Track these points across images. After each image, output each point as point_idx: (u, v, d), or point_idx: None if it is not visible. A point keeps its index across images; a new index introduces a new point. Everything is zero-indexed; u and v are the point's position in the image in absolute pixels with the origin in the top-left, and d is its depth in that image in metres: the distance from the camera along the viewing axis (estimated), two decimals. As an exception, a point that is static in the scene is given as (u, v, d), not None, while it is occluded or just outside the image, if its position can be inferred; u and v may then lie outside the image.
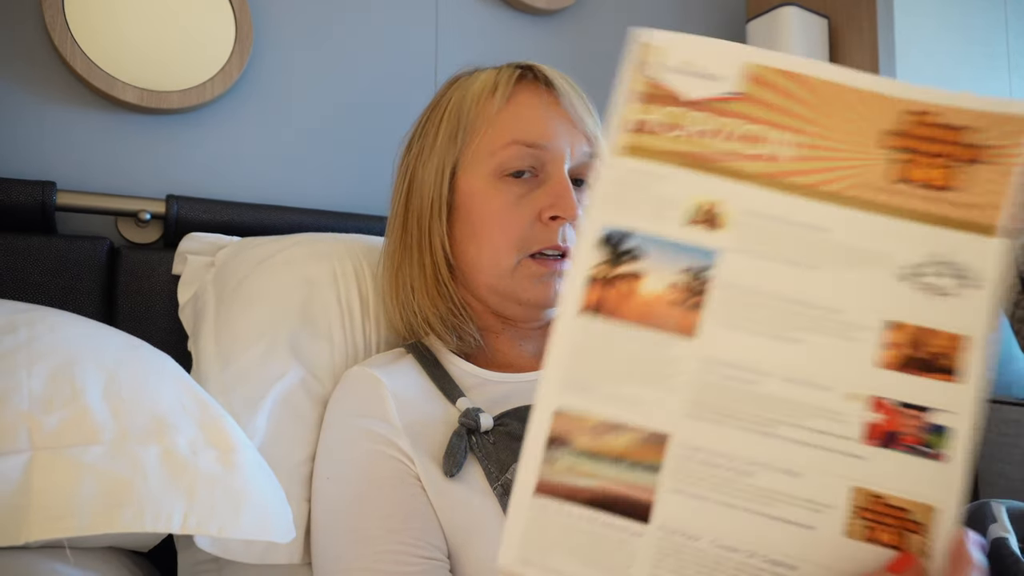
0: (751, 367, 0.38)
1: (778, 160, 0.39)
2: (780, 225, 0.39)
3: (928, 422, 0.37)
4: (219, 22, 1.07)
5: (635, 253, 0.40)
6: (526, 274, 0.72)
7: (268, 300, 0.80)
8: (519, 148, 0.72)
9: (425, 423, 0.67)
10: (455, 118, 0.75)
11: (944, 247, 0.37)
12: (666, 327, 0.39)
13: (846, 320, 0.38)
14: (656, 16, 1.59)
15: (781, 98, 0.40)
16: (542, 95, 0.75)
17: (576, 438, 0.38)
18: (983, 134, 0.38)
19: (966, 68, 1.79)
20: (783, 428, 0.37)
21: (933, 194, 0.38)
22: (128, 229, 1.01)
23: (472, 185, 0.74)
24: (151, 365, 0.60)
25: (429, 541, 0.62)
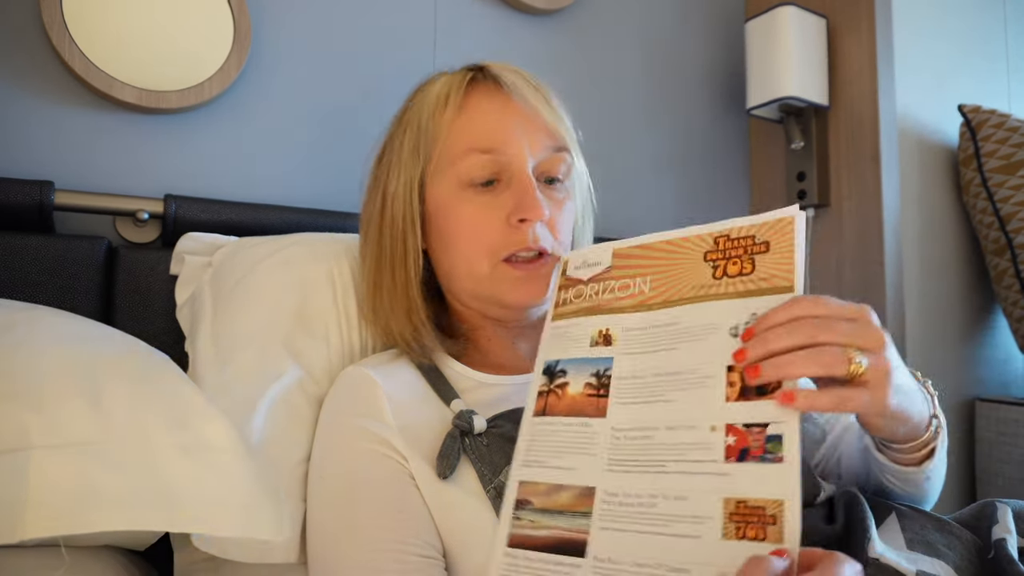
0: (642, 426, 0.52)
1: (643, 293, 0.59)
2: (647, 330, 0.57)
3: (767, 434, 0.47)
4: (217, 22, 1.07)
5: (563, 372, 0.59)
6: (503, 278, 0.71)
7: (265, 301, 0.80)
8: (477, 156, 0.71)
9: (419, 424, 0.67)
10: (416, 131, 0.74)
11: (759, 307, 0.52)
12: (586, 413, 0.56)
13: (700, 374, 0.52)
14: (654, 17, 1.59)
15: (636, 260, 0.61)
16: (495, 96, 0.73)
17: (534, 499, 0.54)
18: (763, 234, 0.55)
19: (964, 68, 1.79)
20: (671, 464, 0.49)
21: (744, 279, 0.54)
22: (126, 229, 1.01)
23: (440, 197, 0.73)
24: (147, 364, 0.60)
25: (425, 539, 0.62)
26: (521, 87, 0.73)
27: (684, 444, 0.50)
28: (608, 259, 0.64)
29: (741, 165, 1.73)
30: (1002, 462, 1.47)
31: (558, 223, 0.73)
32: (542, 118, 0.73)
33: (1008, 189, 1.54)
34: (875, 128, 1.49)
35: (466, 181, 0.71)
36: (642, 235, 0.63)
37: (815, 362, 0.48)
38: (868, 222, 1.49)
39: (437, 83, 0.76)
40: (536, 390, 0.60)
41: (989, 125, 1.58)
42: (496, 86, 0.73)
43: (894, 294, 1.47)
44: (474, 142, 0.71)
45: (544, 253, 0.71)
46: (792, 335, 0.48)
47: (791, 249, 0.53)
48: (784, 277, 0.52)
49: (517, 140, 0.71)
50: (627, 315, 0.59)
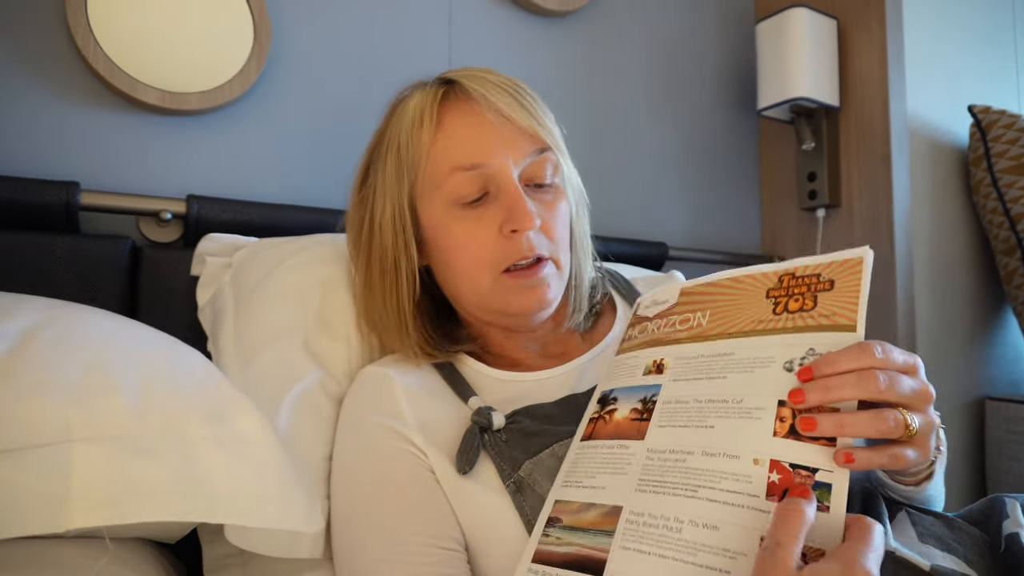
0: (679, 449, 0.51)
1: (700, 326, 0.60)
2: (699, 359, 0.56)
3: (816, 480, 0.45)
4: (238, 24, 1.09)
5: (615, 399, 0.60)
6: (505, 289, 0.71)
7: (286, 301, 0.82)
8: (461, 175, 0.70)
9: (438, 421, 0.68)
10: (396, 155, 0.74)
11: (818, 343, 0.50)
12: (627, 436, 0.56)
13: (748, 405, 0.50)
14: (667, 18, 1.60)
15: (700, 297, 0.62)
16: (469, 110, 0.72)
17: (564, 517, 0.55)
18: (829, 273, 0.54)
19: (974, 68, 1.80)
20: (704, 491, 0.48)
21: (805, 314, 0.53)
22: (149, 228, 1.03)
23: (432, 218, 0.73)
24: (181, 358, 0.62)
25: (447, 532, 0.63)
26: (493, 96, 0.71)
27: (720, 472, 0.48)
28: (675, 297, 0.65)
29: (752, 166, 1.73)
30: (1012, 460, 1.48)
31: (552, 225, 0.73)
32: (519, 124, 0.71)
33: (1018, 189, 1.55)
34: (885, 129, 1.50)
35: (454, 200, 0.71)
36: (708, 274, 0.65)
37: (877, 428, 0.47)
38: (878, 222, 1.50)
39: (411, 101, 0.74)
40: (588, 417, 0.62)
41: (999, 126, 1.59)
42: (469, 99, 0.72)
43: (904, 294, 1.48)
44: (456, 161, 0.71)
45: (542, 258, 0.72)
46: (858, 388, 0.47)
47: (857, 289, 0.51)
48: (847, 316, 0.51)
49: (498, 151, 0.70)
50: (682, 346, 0.59)
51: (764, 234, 1.73)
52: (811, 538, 0.44)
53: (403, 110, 0.75)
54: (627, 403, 0.59)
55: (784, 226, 1.69)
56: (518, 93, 0.73)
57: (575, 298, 0.79)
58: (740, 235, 1.69)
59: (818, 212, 1.59)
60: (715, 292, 0.61)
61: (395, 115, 0.76)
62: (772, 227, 1.72)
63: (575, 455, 0.60)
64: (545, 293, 0.72)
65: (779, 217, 1.70)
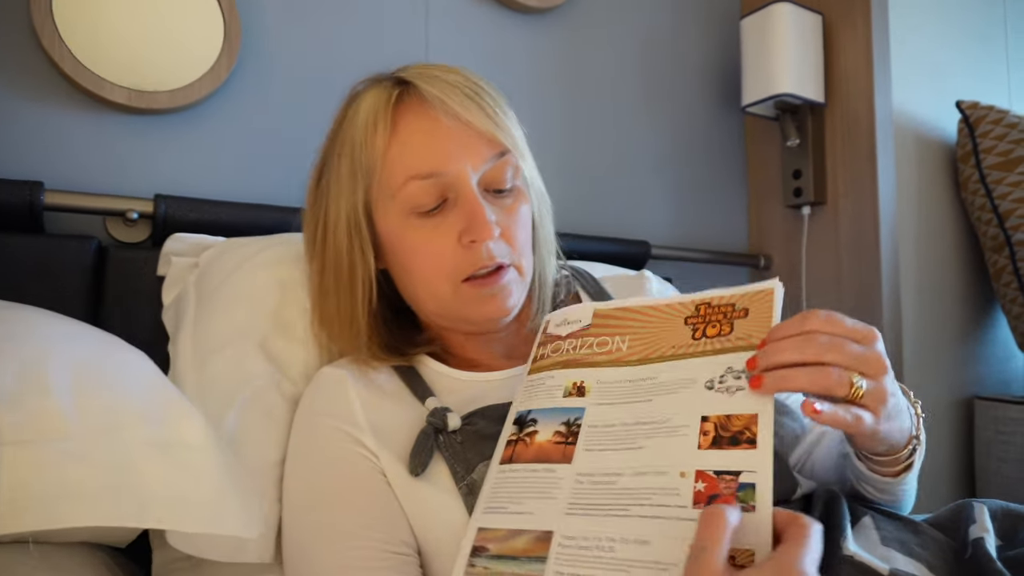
0: (608, 471, 0.52)
1: (619, 351, 0.61)
2: (622, 383, 0.58)
3: (739, 482, 0.47)
4: (207, 22, 1.08)
5: (534, 420, 0.60)
6: (465, 298, 0.70)
7: (245, 302, 0.81)
8: (418, 183, 0.67)
9: (393, 423, 0.67)
10: (350, 157, 0.71)
11: (735, 362, 0.53)
12: (552, 460, 0.56)
13: (673, 424, 0.52)
14: (649, 14, 1.59)
15: (614, 321, 0.64)
16: (424, 114, 0.69)
17: (491, 545, 0.54)
18: (743, 304, 0.57)
19: (962, 63, 1.78)
20: (634, 508, 0.49)
21: (722, 338, 0.56)
22: (117, 228, 1.02)
23: (388, 225, 0.71)
24: (123, 362, 0.61)
25: (398, 536, 0.62)
26: (449, 99, 0.68)
27: (650, 489, 0.50)
28: (588, 318, 0.65)
29: (737, 163, 1.72)
30: (1000, 460, 1.46)
31: (513, 231, 0.71)
32: (477, 128, 0.68)
33: (1007, 186, 1.53)
34: (871, 125, 1.48)
35: (411, 209, 0.69)
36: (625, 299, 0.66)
37: (818, 382, 0.49)
38: (864, 220, 1.49)
39: (364, 102, 0.71)
40: (505, 439, 0.61)
41: (987, 121, 1.57)
42: (424, 102, 0.69)
43: (891, 292, 1.47)
44: (412, 169, 0.68)
45: (503, 266, 0.69)
46: (801, 350, 0.50)
47: (770, 315, 0.55)
48: (760, 336, 0.54)
49: (456, 158, 0.68)
50: (602, 369, 0.60)
51: (751, 232, 1.72)
52: (739, 540, 0.44)
53: (356, 110, 0.72)
54: (549, 426, 0.58)
55: (770, 224, 1.68)
56: (476, 95, 0.70)
57: (538, 299, 0.78)
58: (726, 234, 1.68)
59: (803, 210, 1.58)
60: (632, 318, 0.63)
61: (348, 114, 0.73)
62: (758, 225, 1.70)
63: (495, 479, 0.58)
64: (506, 301, 0.70)
65: (765, 215, 1.69)
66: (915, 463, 0.64)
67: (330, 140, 0.76)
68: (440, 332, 0.78)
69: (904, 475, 0.64)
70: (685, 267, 1.56)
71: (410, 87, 0.71)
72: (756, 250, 1.70)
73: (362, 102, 0.72)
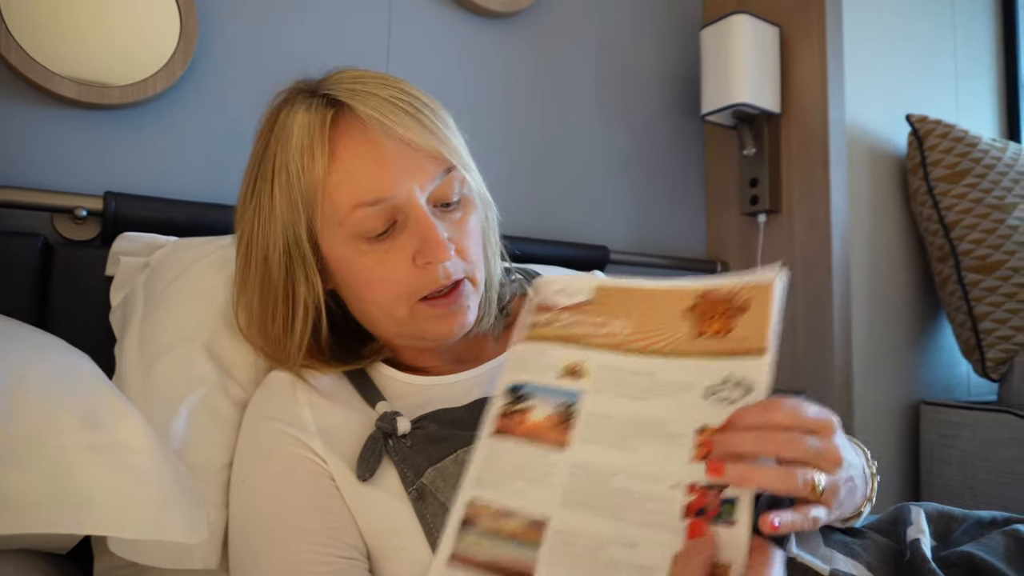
0: (604, 469, 0.52)
1: (618, 336, 0.59)
2: (621, 374, 0.57)
3: (723, 496, 0.48)
4: (163, 16, 1.06)
5: (527, 397, 0.59)
6: (423, 317, 0.68)
7: (194, 303, 0.79)
8: (364, 210, 0.64)
9: (342, 427, 0.67)
10: (287, 184, 0.66)
11: (733, 370, 0.53)
12: (546, 442, 0.55)
13: (669, 431, 0.52)
14: (612, 21, 1.60)
15: (616, 301, 0.61)
16: (363, 136, 0.66)
17: (481, 521, 0.54)
18: (743, 296, 0.56)
19: (913, 78, 1.84)
20: (626, 512, 0.50)
21: (720, 338, 0.55)
22: (64, 226, 0.99)
23: (335, 250, 0.68)
24: (62, 364, 0.59)
25: (346, 540, 0.62)
26: (389, 119, 0.65)
27: (643, 495, 0.50)
28: (588, 293, 0.63)
29: (696, 170, 1.75)
30: (943, 463, 1.51)
31: (465, 244, 0.69)
32: (421, 146, 0.66)
33: (952, 197, 1.58)
34: (825, 136, 1.52)
35: (359, 236, 0.66)
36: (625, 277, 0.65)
37: (781, 482, 0.48)
38: (817, 228, 1.52)
39: (294, 120, 0.67)
40: (497, 410, 0.59)
41: (935, 135, 1.62)
42: (362, 124, 0.65)
43: (841, 299, 1.50)
44: (357, 197, 0.64)
45: (459, 281, 0.68)
46: (760, 445, 0.49)
47: (767, 312, 0.54)
48: (758, 339, 0.53)
49: (402, 180, 0.65)
50: (602, 353, 0.59)
51: (708, 238, 1.75)
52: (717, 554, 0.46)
53: (286, 131, 0.67)
54: (544, 406, 0.57)
55: (727, 231, 1.71)
56: (416, 109, 0.67)
57: (485, 302, 0.78)
58: (684, 239, 1.70)
59: (759, 217, 1.61)
60: (632, 299, 0.61)
61: (277, 131, 0.68)
62: (716, 231, 1.73)
63: (487, 451, 0.57)
64: (465, 316, 0.69)
65: (723, 222, 1.72)
66: (865, 512, 0.66)
67: (257, 156, 0.70)
68: (392, 343, 0.77)
69: (853, 521, 0.67)
70: (643, 272, 1.58)
71: (344, 108, 0.67)
72: (713, 256, 1.73)
73: (292, 123, 0.67)
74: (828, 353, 1.49)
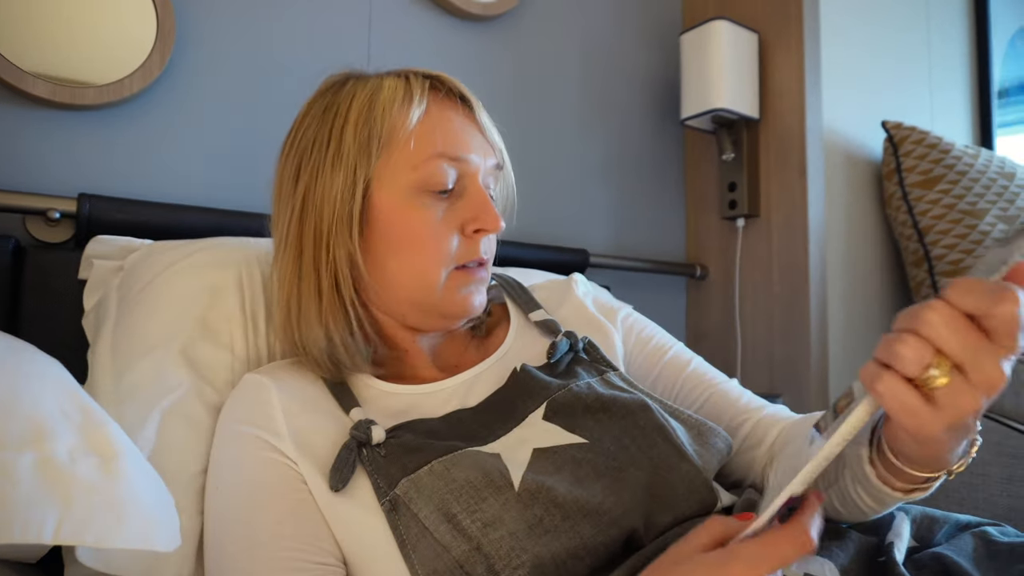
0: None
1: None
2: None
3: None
4: (139, 16, 1.05)
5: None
6: (454, 286, 0.71)
7: (168, 308, 0.78)
8: (442, 161, 0.70)
9: (315, 433, 0.66)
10: (365, 127, 0.69)
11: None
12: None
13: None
14: (593, 26, 1.61)
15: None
16: (457, 108, 0.74)
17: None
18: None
19: (889, 85, 1.86)
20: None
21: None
22: (37, 228, 0.98)
23: (391, 200, 0.70)
24: (32, 370, 0.58)
25: (321, 546, 0.61)
26: (476, 104, 0.75)
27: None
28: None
29: (676, 174, 1.76)
30: (916, 465, 1.53)
31: (494, 236, 0.77)
32: (494, 136, 0.76)
33: (926, 203, 1.61)
34: (802, 141, 1.53)
35: (425, 187, 0.70)
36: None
37: (885, 350, 0.42)
38: (795, 232, 1.54)
39: (386, 80, 0.72)
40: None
41: (910, 141, 1.64)
42: (455, 99, 0.74)
43: (818, 302, 1.52)
44: (442, 148, 0.70)
45: (484, 262, 0.74)
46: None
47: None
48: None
49: (479, 152, 0.73)
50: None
51: (688, 242, 1.76)
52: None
53: (372, 88, 0.71)
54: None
55: (707, 234, 1.72)
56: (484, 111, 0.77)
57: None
58: (664, 243, 1.71)
59: (738, 221, 1.62)
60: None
61: (354, 92, 0.72)
62: (695, 235, 1.74)
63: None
64: (481, 296, 0.74)
65: (702, 226, 1.73)
66: (932, 488, 0.57)
67: (322, 114, 0.73)
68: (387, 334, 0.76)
69: (915, 494, 0.58)
70: (623, 275, 1.59)
71: (442, 82, 0.75)
72: (693, 259, 1.74)
73: (383, 82, 0.72)
74: (805, 356, 1.50)
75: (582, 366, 0.75)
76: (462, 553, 0.55)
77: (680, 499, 0.62)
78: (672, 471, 0.63)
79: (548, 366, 0.74)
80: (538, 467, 0.61)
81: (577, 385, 0.70)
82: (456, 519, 0.57)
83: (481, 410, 0.70)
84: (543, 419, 0.67)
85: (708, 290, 1.71)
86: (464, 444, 0.64)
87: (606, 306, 0.87)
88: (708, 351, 1.69)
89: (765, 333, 1.58)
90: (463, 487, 0.59)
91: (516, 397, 0.71)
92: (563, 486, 0.59)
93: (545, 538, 0.56)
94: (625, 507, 0.59)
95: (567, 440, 0.65)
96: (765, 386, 1.56)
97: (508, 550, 0.55)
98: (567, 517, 0.57)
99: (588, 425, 0.66)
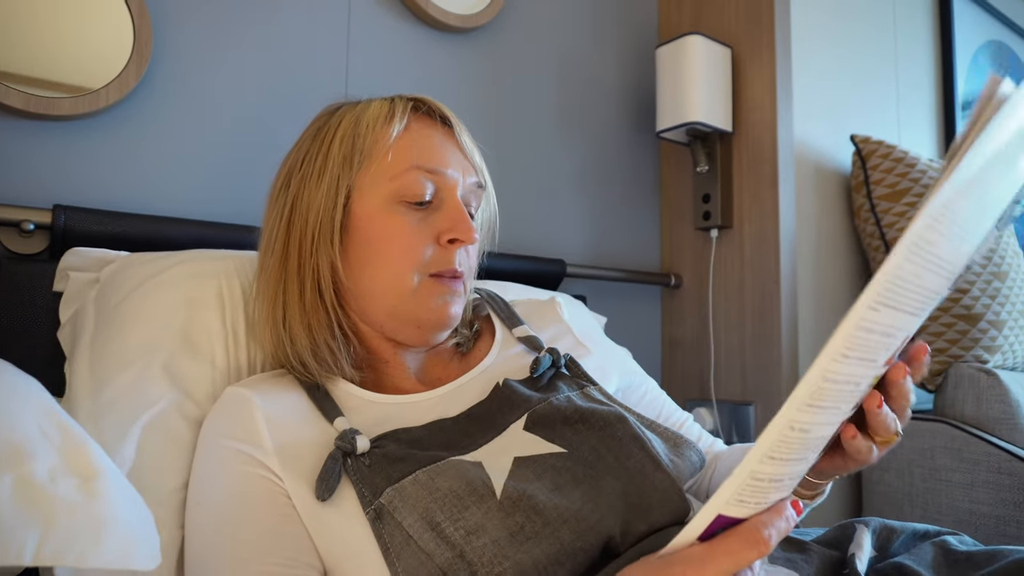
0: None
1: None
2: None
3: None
4: (116, 28, 1.04)
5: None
6: (427, 294, 0.73)
7: (147, 321, 0.78)
8: (419, 173, 0.74)
9: (300, 444, 0.66)
10: (349, 142, 0.75)
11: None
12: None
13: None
14: (570, 39, 1.63)
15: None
16: (436, 127, 0.78)
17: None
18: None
19: (858, 100, 1.91)
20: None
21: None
22: (11, 239, 0.97)
23: (369, 209, 0.74)
24: (8, 388, 0.58)
25: (303, 559, 0.61)
26: (458, 125, 0.79)
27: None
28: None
29: (652, 186, 1.79)
30: (882, 470, 1.57)
31: (471, 252, 0.79)
32: (474, 156, 0.80)
33: (893, 215, 1.65)
34: (774, 154, 1.57)
35: (402, 197, 0.73)
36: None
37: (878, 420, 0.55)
38: (766, 242, 1.57)
39: (373, 103, 0.78)
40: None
41: (877, 155, 1.69)
42: (438, 120, 0.79)
43: (789, 311, 1.56)
44: (418, 160, 0.74)
45: (459, 275, 0.75)
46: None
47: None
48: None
49: (455, 167, 0.76)
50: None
51: (663, 252, 1.79)
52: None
53: (360, 109, 0.77)
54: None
55: (681, 245, 1.75)
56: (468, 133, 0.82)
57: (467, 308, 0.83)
58: (639, 253, 1.74)
59: (712, 232, 1.65)
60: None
61: (344, 113, 0.77)
62: (670, 245, 1.77)
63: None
64: (456, 307, 0.76)
65: (676, 236, 1.76)
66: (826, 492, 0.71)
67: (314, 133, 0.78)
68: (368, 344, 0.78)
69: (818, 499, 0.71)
70: (600, 285, 1.61)
71: (423, 103, 0.79)
72: (667, 269, 1.77)
73: (368, 106, 0.78)
74: (776, 363, 1.54)
75: (563, 381, 0.76)
76: (445, 560, 0.56)
77: (654, 506, 0.64)
78: (647, 479, 0.65)
79: (530, 380, 0.76)
80: (519, 475, 0.62)
81: (557, 398, 0.72)
82: (440, 527, 0.58)
83: (463, 419, 0.72)
84: (524, 429, 0.69)
85: (682, 299, 1.74)
86: (447, 453, 0.65)
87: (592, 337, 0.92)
88: (682, 359, 1.72)
89: (737, 341, 1.61)
90: (447, 496, 0.60)
91: (498, 409, 0.72)
92: (543, 494, 0.60)
93: (527, 545, 0.57)
94: (602, 513, 0.60)
95: (547, 449, 0.66)
96: (737, 394, 1.59)
97: (491, 557, 0.56)
98: (548, 524, 0.58)
99: (567, 435, 0.68)
